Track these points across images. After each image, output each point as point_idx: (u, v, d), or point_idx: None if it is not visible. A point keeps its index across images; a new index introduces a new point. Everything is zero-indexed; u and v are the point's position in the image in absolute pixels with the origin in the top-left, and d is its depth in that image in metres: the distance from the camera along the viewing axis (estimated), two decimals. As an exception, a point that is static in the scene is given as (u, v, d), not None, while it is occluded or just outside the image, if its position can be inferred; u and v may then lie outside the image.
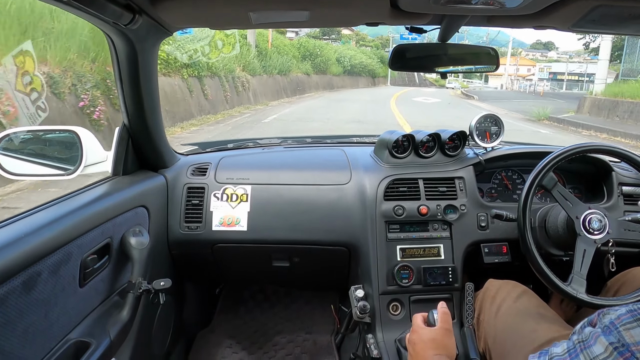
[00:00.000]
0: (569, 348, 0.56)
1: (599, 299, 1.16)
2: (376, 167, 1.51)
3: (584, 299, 1.13)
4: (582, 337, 0.55)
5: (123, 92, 1.21)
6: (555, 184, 1.22)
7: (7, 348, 0.74)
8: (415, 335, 0.94)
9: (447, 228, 1.43)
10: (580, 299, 1.13)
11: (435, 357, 0.87)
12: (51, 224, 0.87)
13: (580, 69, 40.71)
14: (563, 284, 1.15)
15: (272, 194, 1.47)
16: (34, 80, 4.16)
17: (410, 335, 0.96)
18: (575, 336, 0.57)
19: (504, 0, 0.89)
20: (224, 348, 1.75)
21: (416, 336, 0.93)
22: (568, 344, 0.57)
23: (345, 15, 1.08)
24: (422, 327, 0.95)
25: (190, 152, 1.71)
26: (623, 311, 0.53)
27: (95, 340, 0.97)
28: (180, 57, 7.63)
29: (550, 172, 1.22)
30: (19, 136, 1.17)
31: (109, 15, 0.91)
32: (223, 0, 0.96)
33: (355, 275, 1.52)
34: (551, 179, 1.22)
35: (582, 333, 0.56)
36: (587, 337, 0.55)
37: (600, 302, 1.14)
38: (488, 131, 1.54)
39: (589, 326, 0.57)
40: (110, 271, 1.10)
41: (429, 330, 0.93)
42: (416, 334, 0.94)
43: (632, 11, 0.92)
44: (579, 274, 1.16)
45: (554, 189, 1.22)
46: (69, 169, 1.16)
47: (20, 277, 0.76)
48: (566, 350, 0.57)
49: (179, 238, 1.46)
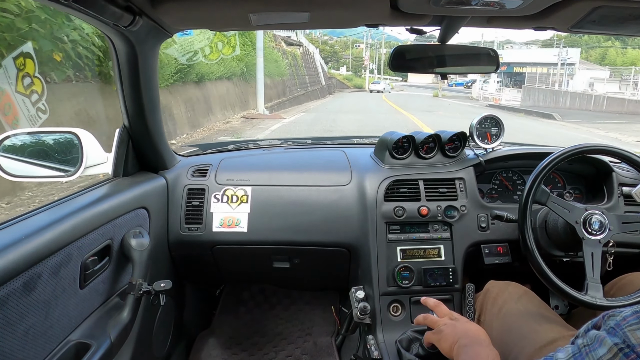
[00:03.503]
0: (574, 353, 0.56)
1: (617, 300, 1.13)
2: (376, 168, 1.51)
3: (603, 305, 1.10)
4: (587, 341, 0.55)
5: (123, 93, 1.21)
6: (548, 196, 1.22)
7: (8, 349, 0.74)
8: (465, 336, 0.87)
9: (447, 229, 1.43)
10: (600, 305, 1.10)
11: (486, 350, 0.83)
12: (51, 226, 0.87)
13: (549, 55, 32.83)
14: (579, 293, 1.13)
15: (272, 195, 1.47)
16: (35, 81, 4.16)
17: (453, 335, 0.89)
18: (580, 340, 0.56)
19: (503, 2, 0.89)
20: (224, 349, 1.75)
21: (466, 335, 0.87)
22: (573, 349, 0.56)
23: (345, 17, 1.08)
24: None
25: (190, 153, 1.71)
26: (628, 312, 0.53)
27: (95, 341, 0.96)
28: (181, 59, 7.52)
29: (542, 186, 1.22)
30: (19, 138, 1.17)
31: (109, 17, 0.91)
32: (223, 2, 0.96)
33: (356, 276, 1.52)
34: (543, 192, 1.22)
35: (586, 337, 0.56)
36: (593, 340, 0.54)
37: (620, 303, 1.11)
38: (488, 132, 1.54)
39: (593, 329, 0.57)
40: (111, 272, 1.10)
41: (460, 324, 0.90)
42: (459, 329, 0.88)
43: (632, 12, 0.92)
44: (593, 279, 1.14)
45: (549, 201, 1.22)
46: (70, 170, 1.16)
47: (20, 279, 0.76)
48: (571, 355, 0.56)
49: (179, 239, 1.46)
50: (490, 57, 1.31)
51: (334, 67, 59.25)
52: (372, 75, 56.85)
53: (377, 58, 65.78)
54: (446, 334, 0.89)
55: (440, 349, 0.90)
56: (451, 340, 0.87)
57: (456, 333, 0.87)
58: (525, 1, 0.87)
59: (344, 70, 62.28)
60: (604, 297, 1.12)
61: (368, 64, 60.68)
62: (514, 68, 40.44)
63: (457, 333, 0.87)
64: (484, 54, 1.33)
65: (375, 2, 0.95)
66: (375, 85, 38.78)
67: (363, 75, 58.81)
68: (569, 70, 31.76)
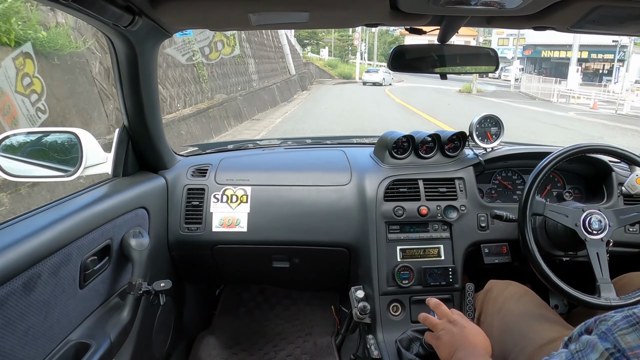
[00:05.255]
0: (567, 359, 0.56)
1: (630, 296, 1.12)
2: (376, 167, 1.51)
3: (618, 304, 1.10)
4: (580, 347, 0.56)
5: (123, 93, 1.21)
6: (545, 205, 1.22)
7: (8, 349, 0.74)
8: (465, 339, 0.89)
9: (447, 229, 1.43)
10: (615, 306, 1.09)
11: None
12: (51, 226, 0.87)
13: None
14: (592, 297, 1.12)
15: (272, 195, 1.47)
16: (34, 81, 4.16)
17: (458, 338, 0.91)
18: (572, 345, 0.57)
19: (503, 1, 0.89)
20: (224, 349, 1.75)
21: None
22: (566, 355, 0.57)
23: (345, 17, 1.08)
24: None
25: (190, 153, 1.71)
26: (619, 317, 0.54)
27: (95, 341, 0.96)
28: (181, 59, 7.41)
29: (536, 197, 1.22)
30: (19, 137, 1.17)
31: (109, 17, 0.91)
32: (223, 2, 0.96)
33: (356, 276, 1.52)
34: (539, 203, 1.22)
35: (579, 342, 0.56)
36: (585, 345, 0.55)
37: (633, 300, 1.11)
38: (488, 131, 1.55)
39: (585, 334, 0.57)
40: (110, 272, 1.10)
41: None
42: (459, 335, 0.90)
43: (631, 12, 0.92)
44: (603, 280, 1.14)
45: (546, 210, 1.22)
46: (69, 170, 1.17)
47: (20, 279, 0.76)
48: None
49: (179, 239, 1.46)
50: (490, 56, 1.31)
51: (313, 51, 42.14)
52: (362, 62, 42.21)
53: (367, 39, 47.69)
54: (444, 342, 0.90)
55: (439, 355, 0.91)
56: (449, 349, 0.88)
57: (454, 342, 0.89)
58: (524, 1, 0.87)
59: (326, 54, 45.01)
60: (617, 296, 1.12)
61: (359, 44, 41.86)
62: (541, 52, 31.42)
63: (454, 342, 0.89)
64: (484, 53, 1.33)
65: (375, 2, 0.95)
66: (371, 75, 27.59)
67: (352, 60, 44.01)
68: (620, 55, 24.40)
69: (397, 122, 11.12)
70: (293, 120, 11.54)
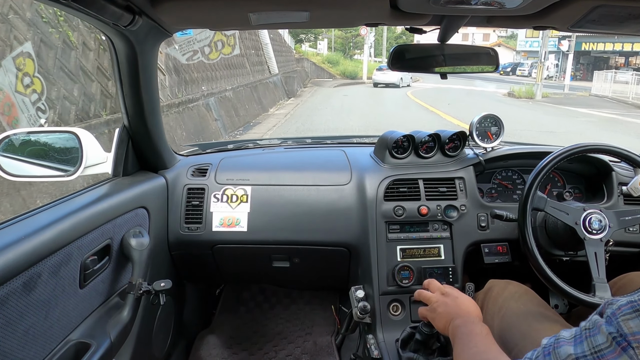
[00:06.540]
0: (576, 334, 0.58)
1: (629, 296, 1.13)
2: (376, 167, 1.51)
3: None
4: (589, 325, 0.57)
5: (123, 93, 1.21)
6: (546, 201, 1.22)
7: (8, 349, 0.74)
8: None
9: (447, 228, 1.43)
10: None
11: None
12: (51, 225, 0.87)
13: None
14: (587, 295, 1.13)
15: (272, 195, 1.47)
16: (34, 81, 4.16)
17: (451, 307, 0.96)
18: (583, 323, 0.58)
19: (503, 1, 0.89)
20: (224, 349, 1.75)
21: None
22: (576, 331, 0.58)
23: (345, 16, 1.08)
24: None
25: (190, 153, 1.71)
26: (624, 302, 0.54)
27: (95, 341, 0.96)
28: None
29: (538, 192, 1.22)
30: (19, 137, 1.17)
31: (109, 17, 0.91)
32: (223, 2, 0.96)
33: (356, 275, 1.52)
34: (540, 198, 1.22)
35: (590, 321, 0.58)
36: (593, 325, 0.56)
37: None
38: (488, 131, 1.54)
39: (597, 315, 0.59)
40: (111, 272, 1.10)
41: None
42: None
43: (631, 11, 0.92)
44: (599, 279, 1.15)
45: (547, 206, 1.22)
46: (69, 170, 1.17)
47: (20, 279, 0.76)
48: (573, 335, 0.58)
49: (179, 239, 1.46)
50: (490, 56, 1.31)
51: (312, 47, 34.96)
52: (369, 59, 32.81)
53: (375, 30, 34.20)
54: (440, 313, 0.96)
55: (436, 327, 0.97)
56: (445, 319, 0.93)
57: (449, 312, 0.94)
58: (524, 1, 0.87)
59: (325, 49, 36.36)
60: (612, 297, 1.12)
61: (367, 34, 29.22)
62: (582, 44, 25.92)
63: (450, 312, 0.94)
64: (484, 53, 1.33)
65: (375, 1, 0.95)
66: (385, 74, 21.18)
67: (357, 55, 36.35)
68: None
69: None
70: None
